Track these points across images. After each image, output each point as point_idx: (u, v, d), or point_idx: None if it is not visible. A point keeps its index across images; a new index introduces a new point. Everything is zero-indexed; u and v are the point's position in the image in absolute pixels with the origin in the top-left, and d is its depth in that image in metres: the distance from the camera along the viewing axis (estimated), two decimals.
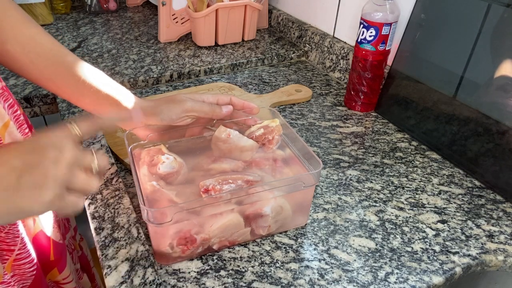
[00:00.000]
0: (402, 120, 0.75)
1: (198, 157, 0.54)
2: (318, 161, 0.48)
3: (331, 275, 0.47)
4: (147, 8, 1.33)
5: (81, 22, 1.18)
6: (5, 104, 0.49)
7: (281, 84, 0.90)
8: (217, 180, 0.48)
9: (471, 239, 0.52)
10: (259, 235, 0.51)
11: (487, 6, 0.60)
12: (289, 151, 0.55)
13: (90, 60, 0.94)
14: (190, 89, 0.85)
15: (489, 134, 0.61)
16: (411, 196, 0.59)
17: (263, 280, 0.46)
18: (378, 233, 0.53)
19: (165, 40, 1.06)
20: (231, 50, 1.03)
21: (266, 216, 0.49)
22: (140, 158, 0.51)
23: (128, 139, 0.52)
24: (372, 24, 0.70)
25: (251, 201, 0.47)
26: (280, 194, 0.48)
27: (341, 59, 0.91)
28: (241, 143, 0.54)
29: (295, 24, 1.07)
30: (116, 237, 0.48)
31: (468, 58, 0.63)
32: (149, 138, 0.54)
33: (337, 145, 0.70)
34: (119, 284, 0.43)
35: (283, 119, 0.56)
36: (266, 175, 0.51)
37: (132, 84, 0.86)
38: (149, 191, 0.47)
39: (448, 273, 0.48)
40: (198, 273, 0.47)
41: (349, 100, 0.81)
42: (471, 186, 0.61)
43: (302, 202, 0.52)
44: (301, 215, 0.53)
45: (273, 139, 0.55)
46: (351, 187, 0.60)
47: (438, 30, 0.68)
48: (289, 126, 0.56)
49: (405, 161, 0.66)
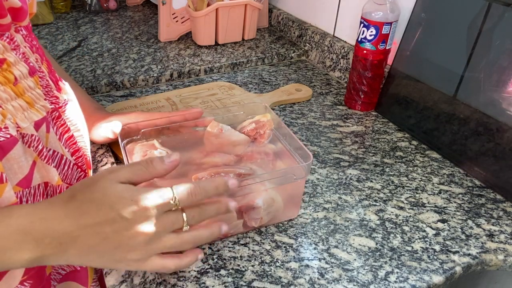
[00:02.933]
0: (402, 119, 0.74)
1: (190, 152, 0.54)
2: (308, 153, 0.49)
3: (331, 274, 0.47)
4: (147, 7, 1.33)
5: (81, 21, 1.18)
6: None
7: (281, 83, 0.90)
8: (210, 174, 0.48)
9: (471, 239, 0.52)
10: (251, 227, 0.51)
11: (487, 5, 0.60)
12: (280, 145, 0.56)
13: (90, 59, 0.94)
14: (190, 88, 0.85)
15: (490, 133, 0.61)
16: (411, 196, 0.59)
17: (263, 279, 0.46)
18: (378, 232, 0.53)
19: (165, 39, 1.06)
20: (231, 49, 1.03)
21: (258, 208, 0.49)
22: (133, 153, 0.52)
23: (121, 134, 0.53)
24: (373, 23, 0.70)
25: (243, 194, 0.48)
26: (271, 186, 0.49)
27: (341, 59, 0.91)
28: (233, 137, 0.55)
29: (295, 23, 1.07)
30: None
31: (469, 57, 0.63)
32: (142, 133, 0.55)
33: (337, 145, 0.70)
34: (119, 283, 0.43)
35: (274, 113, 0.57)
36: (258, 168, 0.52)
37: (132, 83, 0.86)
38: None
39: (448, 273, 0.48)
40: (198, 272, 0.47)
41: (349, 100, 0.81)
42: (471, 186, 0.61)
43: (293, 194, 0.53)
44: (293, 207, 0.54)
45: (265, 134, 0.56)
46: (351, 186, 0.60)
47: (439, 29, 0.68)
48: (280, 120, 0.57)
49: (405, 160, 0.66)
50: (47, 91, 0.42)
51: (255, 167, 0.52)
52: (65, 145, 0.45)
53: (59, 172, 0.43)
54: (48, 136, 0.41)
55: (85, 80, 0.84)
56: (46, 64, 0.44)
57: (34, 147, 0.38)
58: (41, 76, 0.41)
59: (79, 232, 0.34)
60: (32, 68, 0.40)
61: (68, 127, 0.45)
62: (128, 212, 0.35)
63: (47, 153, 0.40)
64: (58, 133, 0.43)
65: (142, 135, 0.55)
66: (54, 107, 0.42)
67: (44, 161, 0.40)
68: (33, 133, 0.38)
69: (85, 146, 0.49)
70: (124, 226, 0.35)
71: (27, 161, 0.38)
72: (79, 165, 0.48)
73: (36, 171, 0.39)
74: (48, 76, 0.43)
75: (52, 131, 0.42)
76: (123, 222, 0.35)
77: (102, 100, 0.81)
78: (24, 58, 0.39)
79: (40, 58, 0.43)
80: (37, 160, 0.39)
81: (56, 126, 0.43)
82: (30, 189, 0.39)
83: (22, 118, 0.37)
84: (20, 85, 0.38)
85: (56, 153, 0.43)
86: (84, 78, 0.85)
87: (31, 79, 0.40)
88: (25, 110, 0.38)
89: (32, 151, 0.38)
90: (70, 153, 0.46)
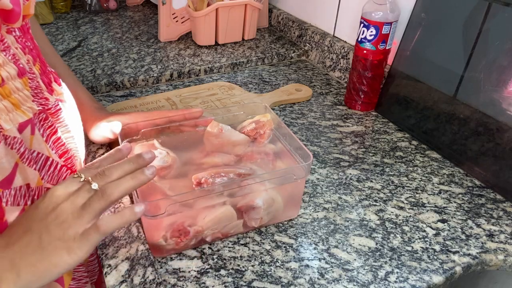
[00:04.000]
0: (402, 119, 0.74)
1: (190, 152, 0.55)
2: (308, 153, 0.49)
3: (331, 274, 0.47)
4: (147, 7, 1.33)
5: (81, 21, 1.18)
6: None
7: (281, 83, 0.90)
8: (210, 174, 0.48)
9: (471, 239, 0.52)
10: (251, 227, 0.52)
11: (487, 5, 0.60)
12: (280, 145, 0.56)
13: (90, 59, 0.94)
14: (190, 88, 0.85)
15: (489, 133, 0.61)
16: (411, 196, 0.59)
17: (263, 279, 0.46)
18: (378, 232, 0.53)
19: (165, 39, 1.06)
20: (231, 49, 1.03)
21: (258, 208, 0.49)
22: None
23: (121, 134, 0.53)
24: (373, 23, 0.70)
25: (243, 194, 0.48)
26: (271, 186, 0.49)
27: (341, 58, 0.91)
28: (233, 137, 0.55)
29: (295, 23, 1.07)
30: (116, 236, 0.49)
31: (469, 57, 0.63)
32: (142, 133, 0.55)
33: (337, 145, 0.70)
34: (119, 283, 0.43)
35: (274, 113, 0.57)
36: (258, 168, 0.52)
37: (132, 83, 0.86)
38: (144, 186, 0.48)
39: (448, 273, 0.48)
40: (198, 272, 0.47)
41: (349, 100, 0.81)
42: (471, 186, 0.61)
43: (293, 194, 0.53)
44: (293, 207, 0.54)
45: (265, 134, 0.56)
46: (351, 186, 0.60)
47: (439, 29, 0.68)
48: (280, 120, 0.57)
49: (405, 160, 0.66)
50: (36, 93, 0.42)
51: (255, 167, 0.52)
52: (52, 147, 0.45)
53: (43, 174, 0.43)
54: (32, 138, 0.41)
55: (85, 80, 0.84)
56: (40, 65, 0.44)
57: (16, 149, 0.39)
58: (31, 78, 0.42)
59: (14, 244, 0.36)
60: (22, 70, 0.40)
61: (57, 128, 0.45)
62: (46, 202, 0.38)
63: (29, 155, 0.40)
64: (45, 135, 0.43)
65: (142, 135, 0.55)
66: (42, 109, 0.42)
67: (25, 164, 0.40)
68: (16, 135, 0.38)
69: (76, 147, 0.49)
70: (47, 213, 0.38)
71: (9, 163, 0.38)
72: (68, 166, 0.48)
73: (18, 173, 0.39)
74: (40, 78, 0.43)
75: (37, 133, 0.42)
76: (46, 212, 0.38)
77: (102, 100, 0.81)
78: (14, 60, 0.39)
79: (32, 59, 0.43)
80: (19, 162, 0.40)
81: (43, 128, 0.43)
82: (11, 190, 0.39)
83: (6, 120, 0.38)
84: (7, 86, 0.38)
85: (41, 155, 0.43)
86: (84, 78, 0.85)
87: (20, 81, 0.40)
88: (10, 111, 0.38)
89: (14, 153, 0.39)
90: (58, 154, 0.46)
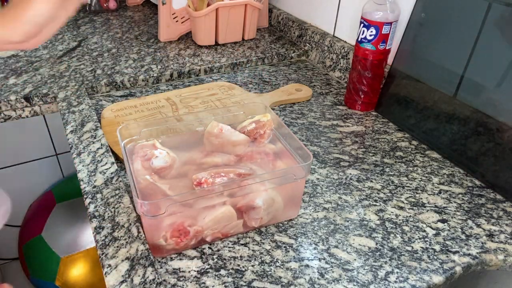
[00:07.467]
0: (402, 119, 0.74)
1: (190, 152, 0.54)
2: (308, 153, 0.49)
3: (331, 274, 0.47)
4: (147, 7, 1.33)
5: (81, 21, 1.18)
6: None
7: (281, 83, 0.90)
8: (210, 174, 0.48)
9: (471, 239, 0.52)
10: (251, 227, 0.52)
11: (487, 5, 0.60)
12: (280, 145, 0.56)
13: (90, 59, 0.94)
14: (190, 88, 0.85)
15: (490, 133, 0.61)
16: (411, 196, 0.59)
17: (263, 279, 0.46)
18: (378, 232, 0.53)
19: (165, 39, 1.06)
20: (231, 49, 1.03)
21: (258, 208, 0.49)
22: (133, 153, 0.52)
23: (121, 134, 0.53)
24: (373, 23, 0.70)
25: (243, 194, 0.48)
26: (271, 186, 0.49)
27: (341, 58, 0.91)
28: (233, 137, 0.55)
29: (295, 23, 1.07)
30: (116, 236, 0.49)
31: (469, 57, 0.63)
32: (142, 133, 0.55)
33: (337, 145, 0.70)
34: (119, 283, 0.43)
35: (274, 113, 0.57)
36: (258, 168, 0.52)
37: (132, 83, 0.86)
38: (142, 185, 0.48)
39: (448, 273, 0.48)
40: (198, 272, 0.47)
41: (349, 100, 0.81)
42: (471, 186, 0.61)
43: (293, 194, 0.53)
44: (293, 207, 0.54)
45: (265, 133, 0.56)
46: (351, 186, 0.60)
47: (439, 29, 0.68)
48: (280, 120, 0.57)
49: (405, 160, 0.66)
50: None
51: (255, 167, 0.52)
52: None
53: None
54: None
55: (85, 80, 0.84)
56: None
57: None
58: None
59: None
60: None
61: None
62: None
63: None
64: None
65: (142, 135, 0.55)
66: None
67: None
68: None
69: None
70: None
71: None
72: None
73: None
74: None
75: None
76: None
77: (102, 100, 0.81)
78: None
79: None
80: None
81: None
82: None
83: None
84: None
85: None
86: (84, 78, 0.85)
87: None
88: None
89: None
90: None
